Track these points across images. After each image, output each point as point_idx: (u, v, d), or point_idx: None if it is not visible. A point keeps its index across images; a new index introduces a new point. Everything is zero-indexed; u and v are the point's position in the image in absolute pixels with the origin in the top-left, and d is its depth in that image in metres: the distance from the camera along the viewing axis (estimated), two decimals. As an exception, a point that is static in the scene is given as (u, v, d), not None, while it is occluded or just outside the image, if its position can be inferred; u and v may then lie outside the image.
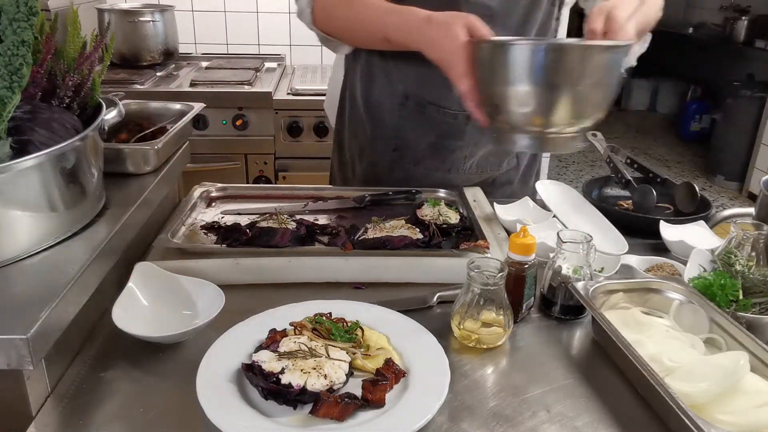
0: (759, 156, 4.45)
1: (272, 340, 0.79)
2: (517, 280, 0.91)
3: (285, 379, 0.71)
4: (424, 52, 1.05)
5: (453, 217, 1.15)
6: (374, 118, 1.36)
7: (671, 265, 1.07)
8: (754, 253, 0.98)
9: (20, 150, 0.78)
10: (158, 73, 2.68)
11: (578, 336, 0.92)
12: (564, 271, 0.93)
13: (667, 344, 0.82)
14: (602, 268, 1.04)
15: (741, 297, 0.91)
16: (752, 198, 4.42)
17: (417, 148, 1.34)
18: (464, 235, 1.12)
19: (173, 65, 2.85)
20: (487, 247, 1.03)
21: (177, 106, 1.27)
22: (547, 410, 0.75)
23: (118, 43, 2.65)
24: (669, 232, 1.16)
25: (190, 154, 1.26)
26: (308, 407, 0.71)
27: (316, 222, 1.13)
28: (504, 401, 0.76)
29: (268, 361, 0.74)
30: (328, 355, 0.76)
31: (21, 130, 0.79)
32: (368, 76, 1.34)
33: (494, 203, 1.24)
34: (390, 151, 1.36)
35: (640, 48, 1.26)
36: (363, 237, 1.08)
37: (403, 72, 1.28)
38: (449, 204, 1.22)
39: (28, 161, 0.75)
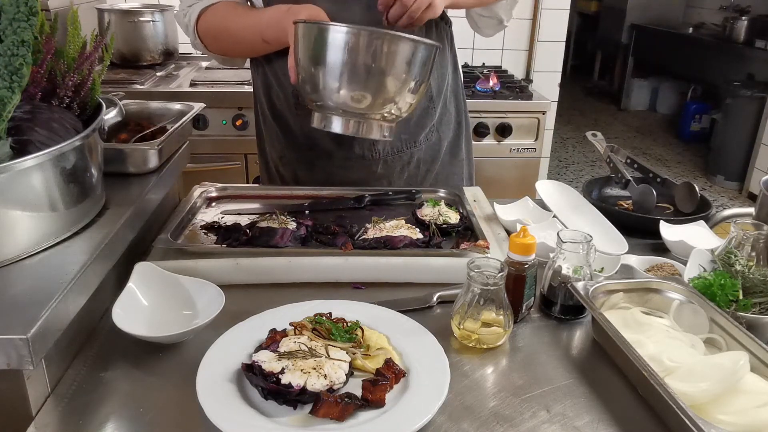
0: (759, 156, 4.45)
1: (272, 340, 0.79)
2: (517, 280, 0.91)
3: (285, 379, 0.71)
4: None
5: (453, 217, 1.15)
6: (281, 123, 1.39)
7: (671, 265, 1.07)
8: (754, 253, 0.98)
9: (20, 150, 0.78)
10: (158, 73, 2.68)
11: (578, 336, 0.92)
12: (564, 271, 0.93)
13: (667, 344, 0.82)
14: (602, 268, 1.04)
15: (741, 297, 0.91)
16: (752, 198, 4.42)
17: (324, 141, 1.34)
18: (464, 235, 1.12)
19: (173, 65, 2.85)
20: (487, 247, 1.03)
21: (177, 106, 1.27)
22: (547, 410, 0.75)
23: (118, 43, 2.64)
24: (669, 232, 1.16)
25: (190, 154, 1.26)
26: (308, 407, 0.71)
27: (316, 222, 1.13)
28: (504, 401, 0.76)
29: (268, 361, 0.74)
30: (328, 355, 0.76)
31: (21, 130, 0.80)
32: (266, 85, 1.38)
33: (494, 203, 1.24)
34: (305, 151, 1.38)
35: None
36: (363, 237, 1.08)
37: (285, 72, 1.30)
38: (449, 204, 1.22)
39: (28, 161, 0.75)
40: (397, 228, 1.08)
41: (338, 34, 0.97)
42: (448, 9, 1.23)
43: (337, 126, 1.04)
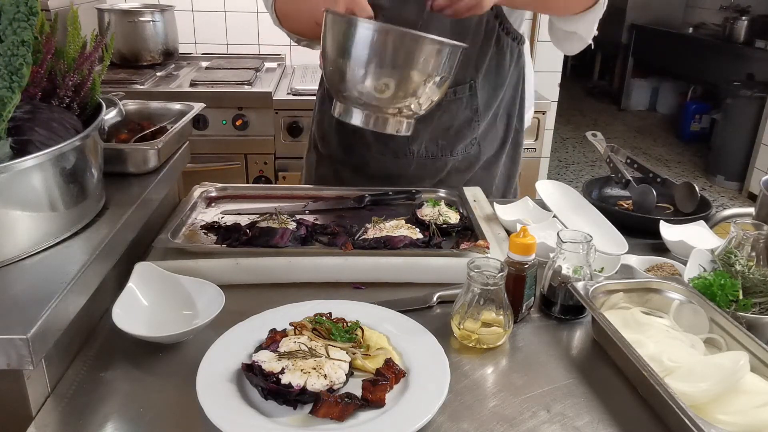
0: (759, 156, 4.45)
1: (272, 340, 0.79)
2: (517, 280, 0.91)
3: (285, 379, 0.71)
4: None
5: (453, 217, 1.15)
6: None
7: (671, 265, 1.07)
8: (754, 253, 0.98)
9: (20, 150, 0.78)
10: (158, 73, 2.68)
11: (578, 336, 0.92)
12: (564, 271, 0.93)
13: (667, 344, 0.82)
14: (602, 268, 1.04)
15: (741, 297, 0.91)
16: (752, 198, 4.41)
17: (364, 132, 1.35)
18: (464, 235, 1.12)
19: (173, 65, 2.85)
20: (487, 247, 1.03)
21: (177, 106, 1.27)
22: (547, 410, 0.75)
23: (118, 43, 2.65)
24: (669, 232, 1.16)
25: (190, 154, 1.26)
26: (308, 407, 0.71)
27: (316, 222, 1.13)
28: (504, 401, 0.76)
29: (268, 361, 0.74)
30: (328, 355, 0.76)
31: (21, 130, 0.80)
32: None
33: (494, 203, 1.24)
34: (348, 136, 1.40)
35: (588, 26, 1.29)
36: (363, 237, 1.08)
37: None
38: (449, 204, 1.22)
39: (28, 161, 0.75)
40: (397, 228, 1.08)
41: (363, 30, 0.96)
42: (503, 6, 1.23)
43: (356, 119, 1.05)
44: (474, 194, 1.31)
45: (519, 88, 1.43)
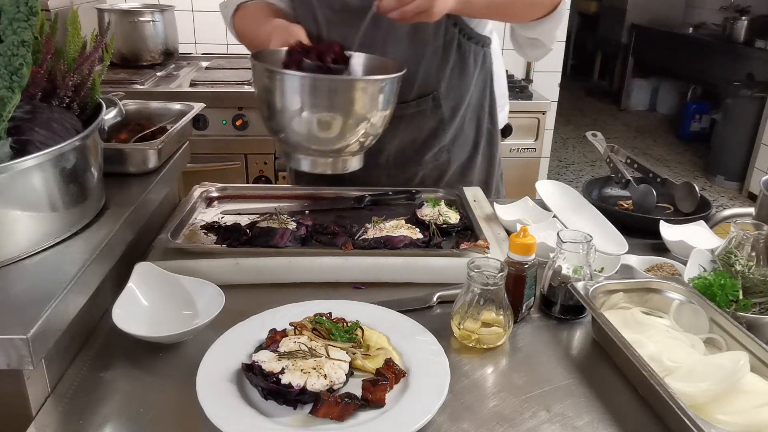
0: (759, 156, 4.45)
1: (272, 340, 0.79)
2: (517, 280, 0.91)
3: (285, 379, 0.71)
4: None
5: (453, 217, 1.15)
6: None
7: (671, 265, 1.07)
8: (754, 253, 0.98)
9: (20, 150, 0.78)
10: (158, 73, 2.68)
11: (578, 336, 0.92)
12: (564, 271, 0.93)
13: (667, 344, 0.82)
14: (602, 268, 1.04)
15: (741, 297, 0.91)
16: (752, 198, 4.41)
17: None
18: (464, 235, 1.12)
19: (173, 65, 2.85)
20: (487, 247, 1.03)
21: (177, 106, 1.27)
22: (547, 410, 0.75)
23: (118, 43, 2.64)
24: (669, 232, 1.16)
25: (190, 154, 1.26)
26: (308, 407, 0.71)
27: (316, 222, 1.13)
28: (504, 401, 0.76)
29: (268, 361, 0.74)
30: (328, 355, 0.76)
31: (21, 130, 0.80)
32: None
33: (494, 203, 1.24)
34: None
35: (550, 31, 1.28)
36: (363, 237, 1.08)
37: None
38: (449, 204, 1.22)
39: (28, 161, 0.75)
40: (397, 228, 1.08)
41: (290, 82, 0.97)
42: (458, 15, 1.20)
43: (304, 166, 1.07)
44: (474, 194, 1.31)
45: (486, 90, 1.38)
